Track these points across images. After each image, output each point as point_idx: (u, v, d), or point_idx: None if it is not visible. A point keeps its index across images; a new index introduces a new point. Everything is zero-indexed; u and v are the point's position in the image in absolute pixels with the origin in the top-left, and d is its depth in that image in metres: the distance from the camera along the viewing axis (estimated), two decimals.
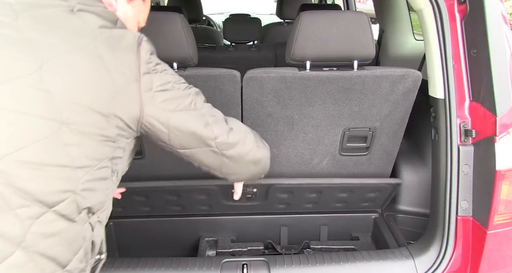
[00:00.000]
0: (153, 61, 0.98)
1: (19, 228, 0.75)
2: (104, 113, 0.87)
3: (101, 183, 0.92)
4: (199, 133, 1.03)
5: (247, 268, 1.59)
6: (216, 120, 1.08)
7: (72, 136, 0.82)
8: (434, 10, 1.50)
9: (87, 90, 0.85)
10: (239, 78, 1.68)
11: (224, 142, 1.08)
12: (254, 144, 1.17)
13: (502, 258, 1.52)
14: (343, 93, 1.69)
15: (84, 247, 0.89)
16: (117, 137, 0.92)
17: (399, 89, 1.69)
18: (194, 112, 1.03)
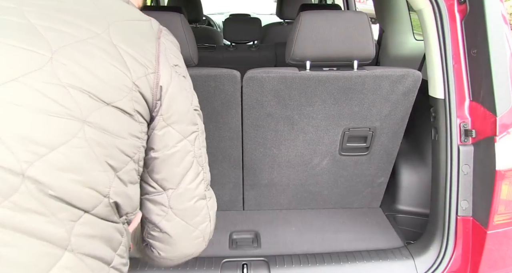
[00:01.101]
0: (174, 59, 0.89)
1: (63, 231, 0.73)
2: (124, 108, 0.79)
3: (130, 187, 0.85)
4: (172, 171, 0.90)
5: (247, 268, 1.59)
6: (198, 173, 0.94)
7: (95, 136, 0.76)
8: (434, 10, 1.50)
9: (104, 83, 0.77)
10: (239, 78, 1.68)
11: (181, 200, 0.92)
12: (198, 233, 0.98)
13: (502, 258, 1.52)
14: (343, 93, 1.69)
15: (123, 243, 0.86)
16: (141, 134, 0.84)
17: (399, 89, 1.69)
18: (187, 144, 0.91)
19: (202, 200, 0.96)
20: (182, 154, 0.90)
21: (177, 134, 0.89)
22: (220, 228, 1.98)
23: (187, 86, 0.92)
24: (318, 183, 2.04)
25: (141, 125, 0.84)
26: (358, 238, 1.92)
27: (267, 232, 1.95)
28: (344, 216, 2.10)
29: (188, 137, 0.90)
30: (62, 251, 0.73)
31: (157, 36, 0.87)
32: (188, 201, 0.93)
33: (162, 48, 0.87)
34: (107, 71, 0.78)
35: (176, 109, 0.88)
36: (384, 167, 2.00)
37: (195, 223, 0.95)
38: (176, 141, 0.89)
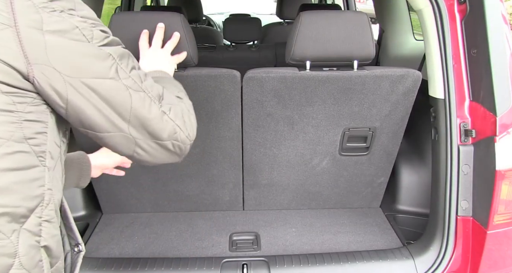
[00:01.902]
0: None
1: None
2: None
3: (17, 174, 0.67)
4: (109, 112, 0.76)
5: (247, 268, 1.59)
6: (144, 98, 0.80)
7: None
8: (434, 10, 1.50)
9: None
10: (239, 78, 1.68)
11: (144, 131, 0.81)
12: (185, 140, 0.88)
13: (502, 258, 1.52)
14: (343, 93, 1.69)
15: (19, 263, 0.67)
16: (14, 106, 0.67)
17: (399, 89, 1.69)
18: (111, 83, 0.74)
19: (164, 116, 0.83)
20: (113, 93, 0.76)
21: (94, 81, 0.73)
22: (220, 228, 1.98)
23: (77, 22, 0.71)
24: (318, 183, 2.04)
25: (10, 96, 0.67)
26: (358, 238, 1.92)
27: (267, 233, 1.95)
28: (344, 216, 2.10)
29: (108, 76, 0.75)
30: None
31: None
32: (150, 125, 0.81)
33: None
34: None
35: (72, 60, 0.70)
36: (384, 167, 2.00)
37: (168, 136, 0.85)
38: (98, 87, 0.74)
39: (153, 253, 1.80)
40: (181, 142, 0.87)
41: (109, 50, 0.75)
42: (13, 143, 0.67)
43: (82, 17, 0.73)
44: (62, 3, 0.70)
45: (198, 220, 2.05)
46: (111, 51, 0.76)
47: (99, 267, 1.59)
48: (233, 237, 1.91)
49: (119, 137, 0.79)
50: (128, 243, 1.88)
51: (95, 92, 0.73)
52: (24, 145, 0.68)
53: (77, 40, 0.70)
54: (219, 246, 1.84)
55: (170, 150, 0.86)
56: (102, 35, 0.75)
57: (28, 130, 0.69)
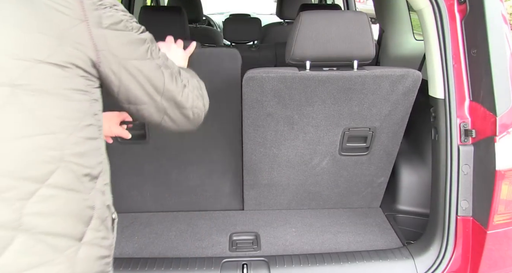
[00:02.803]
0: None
1: (11, 212, 0.68)
2: (58, 62, 0.74)
3: (91, 143, 0.82)
4: (149, 87, 0.91)
5: (247, 268, 1.59)
6: (171, 74, 0.95)
7: (32, 98, 0.71)
8: (434, 10, 1.50)
9: (29, 40, 0.72)
10: (239, 55, 1.72)
11: (171, 101, 0.96)
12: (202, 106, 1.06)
13: (502, 258, 1.52)
14: (343, 93, 1.69)
15: (97, 216, 0.82)
16: (87, 87, 0.80)
17: (399, 89, 1.69)
18: (149, 63, 0.90)
19: (185, 88, 0.99)
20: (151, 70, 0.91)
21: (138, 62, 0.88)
22: (220, 228, 1.98)
23: (121, 15, 0.86)
24: (318, 183, 2.04)
25: (84, 79, 0.80)
26: (358, 238, 1.92)
27: (267, 233, 1.95)
28: (344, 216, 2.10)
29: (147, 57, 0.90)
30: (14, 233, 0.68)
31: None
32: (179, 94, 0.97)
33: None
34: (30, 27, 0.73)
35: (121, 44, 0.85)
36: (384, 167, 2.00)
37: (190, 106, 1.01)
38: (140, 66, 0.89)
39: (153, 253, 1.80)
40: (199, 110, 1.04)
41: (146, 36, 0.91)
42: (89, 117, 0.81)
43: (123, 11, 0.87)
44: (109, 0, 0.84)
45: (198, 220, 2.05)
46: (146, 37, 0.91)
47: None
48: (233, 237, 1.91)
49: (153, 107, 0.94)
50: (128, 243, 1.88)
51: (140, 71, 0.88)
52: (93, 119, 0.83)
53: (123, 30, 0.85)
54: (219, 246, 1.84)
55: (190, 117, 1.02)
56: (138, 26, 0.90)
57: (94, 108, 0.83)
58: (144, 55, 0.89)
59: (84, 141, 0.80)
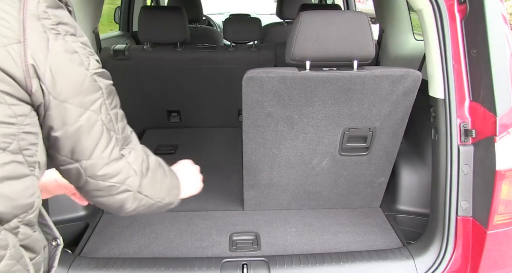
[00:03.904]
0: (52, 18, 0.71)
1: None
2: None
3: (12, 184, 0.70)
4: (80, 141, 0.77)
5: (247, 268, 1.59)
6: (113, 138, 0.82)
7: None
8: (434, 10, 1.50)
9: None
10: None
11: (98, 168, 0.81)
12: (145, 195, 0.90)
13: (502, 258, 1.52)
14: (343, 93, 1.69)
15: (7, 259, 0.71)
16: (15, 119, 0.69)
17: (399, 89, 1.69)
18: (90, 115, 0.77)
19: (120, 160, 0.84)
20: (87, 127, 0.77)
21: (76, 109, 0.75)
22: (220, 228, 1.98)
23: (78, 47, 0.75)
24: (318, 183, 2.04)
25: (12, 107, 0.68)
26: (358, 238, 1.92)
27: (267, 233, 1.95)
28: (344, 217, 2.10)
29: (91, 108, 0.77)
30: None
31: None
32: (104, 167, 0.81)
33: (30, 7, 0.69)
34: None
35: (66, 82, 0.73)
36: (384, 167, 2.00)
37: (119, 180, 0.84)
38: (77, 116, 0.76)
39: (153, 253, 1.80)
40: (132, 190, 0.87)
41: (101, 84, 0.78)
42: (9, 153, 0.69)
43: (82, 43, 0.76)
44: (66, 27, 0.73)
45: (198, 220, 2.05)
46: (102, 85, 0.79)
47: (99, 267, 1.59)
48: (233, 237, 1.91)
49: (75, 168, 0.80)
50: (128, 243, 1.88)
51: (75, 120, 0.76)
52: (19, 156, 0.71)
53: (75, 63, 0.74)
54: (219, 246, 1.84)
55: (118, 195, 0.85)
56: (97, 65, 0.78)
57: (23, 141, 0.71)
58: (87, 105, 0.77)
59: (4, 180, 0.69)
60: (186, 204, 2.13)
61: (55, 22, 0.71)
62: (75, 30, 0.75)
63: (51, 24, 0.71)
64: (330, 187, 2.07)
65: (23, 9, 0.68)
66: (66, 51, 0.72)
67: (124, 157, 0.84)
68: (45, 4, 0.70)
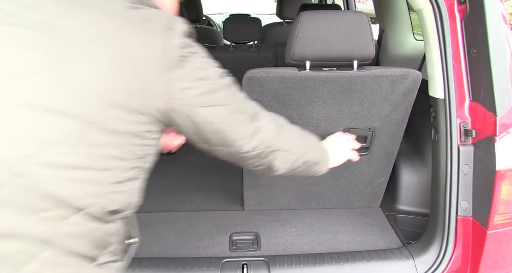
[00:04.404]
0: (184, 46, 0.86)
1: (44, 230, 0.74)
2: (131, 108, 0.80)
3: (131, 183, 0.86)
4: (223, 131, 0.94)
5: (247, 268, 1.59)
6: (246, 118, 0.98)
7: (95, 136, 0.77)
8: (434, 10, 1.50)
9: (111, 84, 0.78)
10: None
11: (243, 146, 0.98)
12: (285, 147, 1.08)
13: (502, 258, 1.52)
14: (343, 93, 1.69)
15: (112, 242, 0.88)
16: (145, 133, 0.85)
17: (399, 89, 1.69)
18: (224, 108, 0.93)
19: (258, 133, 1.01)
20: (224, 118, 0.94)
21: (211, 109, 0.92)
22: (220, 228, 1.98)
23: (202, 63, 0.90)
24: (318, 183, 2.04)
25: (147, 125, 0.84)
26: (358, 238, 1.92)
27: (267, 233, 1.95)
28: (344, 217, 2.10)
29: (222, 102, 0.93)
30: (41, 249, 0.74)
31: (165, 31, 0.83)
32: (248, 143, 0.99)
33: (173, 39, 0.83)
34: (115, 72, 0.78)
35: (196, 94, 0.88)
36: (384, 167, 2.00)
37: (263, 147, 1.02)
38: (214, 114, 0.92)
39: (153, 253, 1.80)
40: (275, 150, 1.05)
41: (224, 81, 0.95)
42: (137, 160, 0.85)
43: (203, 57, 0.91)
44: (192, 49, 0.88)
45: (198, 220, 2.05)
46: (225, 82, 0.95)
47: None
48: (233, 237, 1.91)
49: (226, 151, 0.99)
50: None
51: (214, 117, 0.92)
52: (140, 162, 0.86)
53: (202, 79, 0.89)
54: (219, 246, 1.84)
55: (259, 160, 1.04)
56: (217, 72, 0.94)
57: (145, 151, 0.87)
58: (219, 101, 0.92)
59: (126, 181, 0.84)
60: (186, 204, 2.14)
61: (185, 48, 0.85)
62: (197, 49, 0.90)
63: (183, 51, 0.85)
64: (330, 187, 2.07)
65: (166, 42, 0.82)
66: (193, 72, 0.87)
67: (260, 128, 1.01)
68: (180, 35, 0.85)
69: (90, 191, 0.78)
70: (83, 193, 0.78)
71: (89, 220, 0.80)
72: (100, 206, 0.80)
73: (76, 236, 0.78)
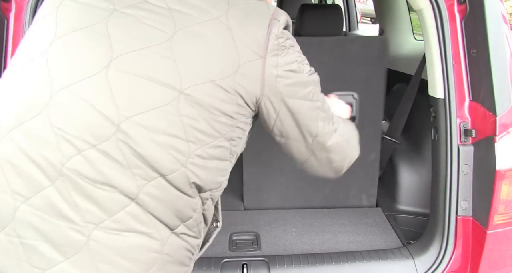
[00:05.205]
0: (284, 36, 0.91)
1: (134, 185, 0.81)
2: (225, 87, 0.85)
3: (216, 162, 0.90)
4: (304, 126, 0.97)
5: (247, 268, 1.59)
6: (325, 117, 1.01)
7: (188, 107, 0.83)
8: (434, 10, 1.50)
9: (211, 62, 0.85)
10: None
11: (321, 143, 1.01)
12: (349, 154, 1.10)
13: (502, 258, 1.52)
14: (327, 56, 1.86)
15: (194, 218, 0.91)
16: (236, 115, 0.89)
17: (371, 53, 1.85)
18: (309, 104, 0.96)
19: (335, 132, 1.03)
20: (309, 113, 0.97)
21: (298, 102, 0.94)
22: (220, 228, 1.98)
23: (297, 57, 0.94)
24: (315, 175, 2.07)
25: (238, 107, 0.88)
26: (358, 238, 1.92)
27: (267, 233, 1.95)
28: (344, 216, 2.10)
29: (308, 98, 0.95)
30: (129, 201, 0.81)
31: (269, 20, 0.89)
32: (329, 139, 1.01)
33: (274, 29, 0.89)
34: (217, 53, 0.85)
35: (287, 85, 0.91)
36: (372, 142, 2.04)
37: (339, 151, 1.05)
38: (299, 108, 0.95)
39: None
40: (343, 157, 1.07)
41: (312, 79, 0.97)
42: (224, 140, 0.88)
43: (298, 52, 0.95)
44: (290, 41, 0.92)
45: None
46: (313, 79, 0.97)
47: None
48: (233, 237, 1.91)
49: (303, 145, 1.00)
50: None
51: (299, 110, 0.95)
52: (227, 143, 0.90)
53: (294, 71, 0.92)
54: (219, 246, 1.84)
55: (333, 162, 1.06)
56: (308, 69, 0.97)
57: (234, 134, 0.90)
58: (306, 96, 0.95)
59: (210, 158, 0.87)
60: None
61: (285, 39, 0.90)
62: (294, 42, 0.94)
63: (283, 41, 0.90)
64: (327, 181, 2.08)
65: (268, 33, 0.88)
66: (289, 63, 0.91)
67: (336, 130, 1.03)
68: (282, 26, 0.90)
69: (174, 158, 0.83)
70: (167, 159, 0.82)
71: (172, 187, 0.84)
72: (182, 176, 0.84)
73: (158, 199, 0.83)
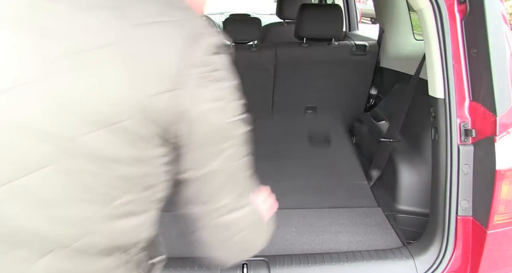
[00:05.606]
0: (210, 65, 0.68)
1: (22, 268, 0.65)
2: (126, 129, 0.64)
3: (134, 219, 0.72)
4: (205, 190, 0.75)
5: (247, 268, 1.59)
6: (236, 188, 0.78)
7: (85, 161, 0.63)
8: (434, 10, 1.50)
9: (112, 100, 0.63)
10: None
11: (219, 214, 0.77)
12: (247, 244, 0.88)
13: (502, 258, 1.52)
14: None
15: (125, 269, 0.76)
16: (152, 160, 0.69)
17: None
18: (223, 162, 0.73)
19: (238, 211, 0.80)
20: (215, 174, 0.73)
21: (209, 156, 0.72)
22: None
23: (226, 93, 0.71)
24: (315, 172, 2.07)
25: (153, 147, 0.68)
26: (358, 238, 1.92)
27: None
28: (344, 216, 2.10)
29: (222, 155, 0.73)
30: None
31: (194, 37, 0.67)
32: (224, 215, 0.78)
33: (192, 54, 0.67)
34: (112, 87, 0.63)
35: (203, 131, 0.70)
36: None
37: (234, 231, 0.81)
38: (207, 162, 0.72)
39: None
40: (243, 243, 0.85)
41: (238, 132, 0.74)
42: (138, 192, 0.70)
43: (230, 87, 0.73)
44: (219, 73, 0.70)
45: None
46: (238, 132, 0.75)
47: None
48: None
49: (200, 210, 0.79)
50: None
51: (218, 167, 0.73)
52: (144, 193, 0.72)
53: (218, 112, 0.70)
54: None
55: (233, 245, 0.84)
56: (239, 111, 0.74)
57: (152, 181, 0.72)
58: (221, 152, 0.73)
59: (124, 216, 0.70)
60: None
61: (210, 70, 0.68)
62: (227, 74, 0.72)
63: (207, 71, 0.68)
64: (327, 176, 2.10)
65: (185, 57, 0.65)
66: (213, 100, 0.69)
67: (242, 208, 0.79)
68: (205, 52, 0.68)
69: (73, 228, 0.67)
70: (67, 229, 0.66)
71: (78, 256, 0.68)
72: (90, 243, 0.68)
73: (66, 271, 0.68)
